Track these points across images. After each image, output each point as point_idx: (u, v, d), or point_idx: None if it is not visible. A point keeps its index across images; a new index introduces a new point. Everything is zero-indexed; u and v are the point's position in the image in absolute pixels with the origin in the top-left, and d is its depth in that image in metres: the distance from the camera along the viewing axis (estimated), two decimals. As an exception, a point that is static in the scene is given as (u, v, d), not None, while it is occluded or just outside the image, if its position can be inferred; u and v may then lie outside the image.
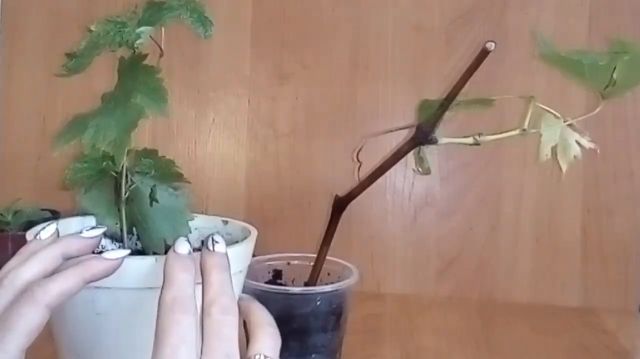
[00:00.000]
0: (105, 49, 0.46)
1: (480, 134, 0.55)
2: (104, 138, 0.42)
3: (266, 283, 0.67)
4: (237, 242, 0.49)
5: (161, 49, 0.48)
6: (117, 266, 0.41)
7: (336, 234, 0.63)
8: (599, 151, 0.55)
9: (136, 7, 0.47)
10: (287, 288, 0.62)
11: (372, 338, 0.79)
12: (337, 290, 0.61)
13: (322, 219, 0.64)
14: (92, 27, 0.46)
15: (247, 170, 1.00)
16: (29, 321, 0.37)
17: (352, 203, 0.61)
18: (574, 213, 0.93)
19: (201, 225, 0.56)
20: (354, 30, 0.97)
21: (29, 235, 0.46)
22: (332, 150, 0.97)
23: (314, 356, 0.62)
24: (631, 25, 0.90)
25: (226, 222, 0.57)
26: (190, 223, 0.53)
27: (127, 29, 0.45)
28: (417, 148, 0.59)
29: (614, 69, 0.51)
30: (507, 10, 0.93)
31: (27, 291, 0.38)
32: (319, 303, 0.60)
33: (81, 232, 0.44)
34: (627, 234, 0.91)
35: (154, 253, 0.52)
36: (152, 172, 0.51)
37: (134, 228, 0.52)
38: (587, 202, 0.92)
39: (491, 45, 0.50)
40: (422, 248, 0.96)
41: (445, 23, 0.95)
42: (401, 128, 0.63)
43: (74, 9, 1.01)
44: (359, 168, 0.63)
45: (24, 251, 0.43)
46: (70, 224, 0.52)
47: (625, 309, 0.91)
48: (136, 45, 0.45)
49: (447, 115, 0.55)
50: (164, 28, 0.47)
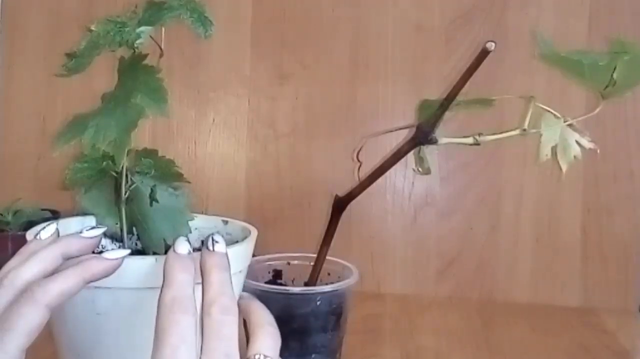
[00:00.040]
0: (105, 49, 0.46)
1: (480, 134, 0.55)
2: (104, 138, 0.42)
3: (266, 283, 0.67)
4: (237, 242, 0.49)
5: (161, 49, 0.48)
6: (117, 266, 0.41)
7: (336, 234, 0.63)
8: (599, 151, 0.55)
9: (136, 7, 0.47)
10: (287, 288, 0.62)
11: (372, 338, 0.79)
12: (337, 290, 0.61)
13: (322, 219, 0.64)
14: (92, 27, 0.46)
15: (247, 170, 1.00)
16: (29, 321, 0.37)
17: (352, 203, 0.61)
18: (574, 213, 0.93)
19: (201, 225, 0.56)
20: (354, 30, 0.97)
21: (29, 235, 0.46)
22: (332, 150, 0.97)
23: (314, 356, 0.62)
24: (631, 25, 0.90)
25: (226, 222, 0.57)
26: (190, 223, 0.53)
27: (127, 29, 0.45)
28: (417, 148, 0.59)
29: (614, 69, 0.51)
30: (507, 10, 0.93)
31: (27, 291, 0.38)
32: (319, 303, 0.60)
33: (81, 232, 0.44)
34: (627, 234, 0.91)
35: (154, 253, 0.52)
36: (152, 172, 0.51)
37: (134, 228, 0.52)
38: (587, 202, 0.92)
39: (491, 45, 0.50)
40: (422, 248, 0.96)
41: (445, 23, 0.95)
42: (401, 128, 0.63)
43: (74, 9, 1.01)
44: (359, 168, 0.63)
45: (24, 251, 0.43)
46: (70, 224, 0.52)
47: (625, 309, 0.91)
48: (136, 45, 0.45)
49: (447, 115, 0.55)
50: (164, 28, 0.47)
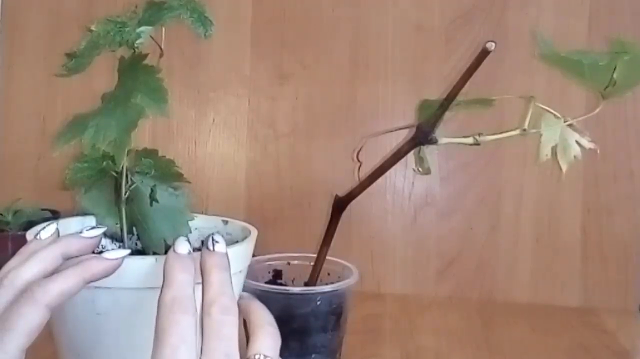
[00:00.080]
0: (105, 49, 0.46)
1: (480, 134, 0.55)
2: (104, 138, 0.42)
3: (266, 283, 0.67)
4: (237, 242, 0.49)
5: (161, 49, 0.48)
6: (117, 266, 0.41)
7: (336, 234, 0.63)
8: (599, 151, 0.55)
9: (136, 7, 0.47)
10: (287, 288, 0.62)
11: (372, 338, 0.79)
12: (337, 290, 0.61)
13: (322, 219, 0.64)
14: (92, 27, 0.46)
15: (247, 170, 1.00)
16: (29, 321, 0.37)
17: (352, 203, 0.61)
18: (574, 213, 0.93)
19: (201, 225, 0.56)
20: (354, 30, 0.97)
21: (29, 235, 0.46)
22: (332, 150, 0.97)
23: (314, 356, 0.62)
24: (631, 25, 0.90)
25: (226, 222, 0.57)
26: (190, 223, 0.53)
27: (127, 29, 0.45)
28: (417, 148, 0.59)
29: (614, 69, 0.51)
30: (507, 10, 0.93)
31: (27, 291, 0.38)
32: (319, 303, 0.60)
33: (81, 232, 0.44)
34: (627, 234, 0.91)
35: (154, 253, 0.52)
36: (152, 172, 0.51)
37: (134, 228, 0.52)
38: (587, 202, 0.92)
39: (491, 45, 0.50)
40: (422, 248, 0.96)
41: (445, 23, 0.95)
42: (401, 128, 0.63)
43: (74, 9, 1.01)
44: (359, 168, 0.63)
45: (24, 251, 0.43)
46: (70, 224, 0.52)
47: (625, 309, 0.91)
48: (136, 45, 0.45)
49: (447, 115, 0.55)
50: (164, 28, 0.47)
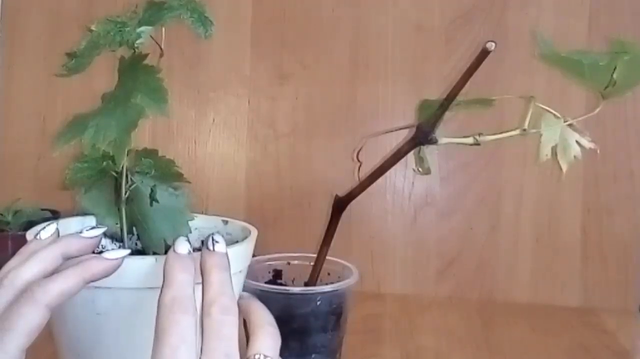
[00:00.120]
0: (105, 49, 0.46)
1: (480, 134, 0.55)
2: (104, 138, 0.42)
3: (266, 283, 0.67)
4: (237, 242, 0.49)
5: (161, 49, 0.48)
6: (117, 266, 0.41)
7: (336, 234, 0.63)
8: (599, 151, 0.55)
9: (136, 7, 0.47)
10: (287, 288, 0.62)
11: (372, 338, 0.79)
12: (337, 290, 0.61)
13: (322, 219, 0.64)
14: (92, 27, 0.46)
15: (247, 170, 1.00)
16: (29, 321, 0.37)
17: (352, 203, 0.61)
18: (574, 213, 0.93)
19: (201, 225, 0.56)
20: (354, 30, 0.97)
21: (29, 235, 0.46)
22: (332, 150, 0.97)
23: (314, 356, 0.62)
24: (631, 25, 0.90)
25: (226, 222, 0.57)
26: (190, 223, 0.53)
27: (127, 29, 0.45)
28: (417, 148, 0.59)
29: (614, 69, 0.51)
30: (507, 10, 0.93)
31: (27, 291, 0.38)
32: (319, 303, 0.60)
33: (81, 232, 0.44)
34: (627, 234, 0.91)
35: (154, 253, 0.52)
36: (152, 172, 0.51)
37: (134, 228, 0.52)
38: (587, 202, 0.92)
39: (491, 45, 0.50)
40: (422, 248, 0.96)
41: (445, 23, 0.95)
42: (401, 128, 0.63)
43: (74, 9, 1.01)
44: (359, 168, 0.62)
45: (24, 251, 0.43)
46: (70, 224, 0.52)
47: (625, 309, 0.91)
48: (136, 45, 0.45)
49: (447, 115, 0.55)
50: (164, 28, 0.47)
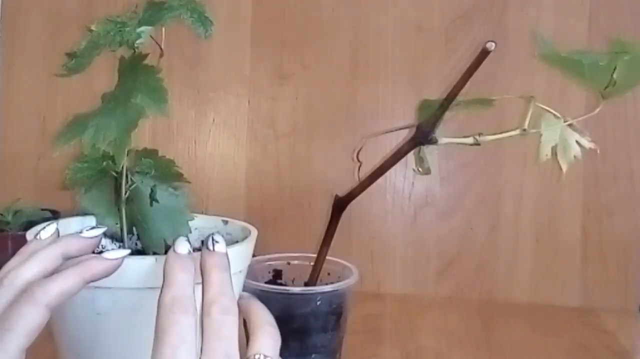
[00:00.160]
0: (105, 49, 0.46)
1: (480, 134, 0.55)
2: (104, 138, 0.42)
3: (266, 283, 0.67)
4: (237, 242, 0.49)
5: (161, 49, 0.48)
6: (117, 266, 0.41)
7: (336, 234, 0.63)
8: (599, 151, 0.55)
9: (136, 7, 0.47)
10: (287, 288, 0.62)
11: (372, 338, 0.79)
12: (337, 290, 0.61)
13: (322, 219, 0.64)
14: (92, 27, 0.46)
15: (247, 170, 1.00)
16: (29, 321, 0.37)
17: (352, 203, 0.61)
18: (574, 213, 0.93)
19: (201, 225, 0.56)
20: (354, 30, 0.97)
21: (29, 235, 0.46)
22: (332, 150, 0.97)
23: (314, 356, 0.62)
24: (631, 25, 0.90)
25: (226, 222, 0.57)
26: (190, 223, 0.53)
27: (127, 29, 0.45)
28: (417, 148, 0.59)
29: (614, 69, 0.51)
30: (507, 10, 0.93)
31: (27, 291, 0.38)
32: (319, 303, 0.60)
33: (81, 232, 0.44)
34: (627, 234, 0.91)
35: (154, 253, 0.52)
36: (152, 172, 0.51)
37: (134, 228, 0.52)
38: (587, 202, 0.92)
39: (491, 45, 0.50)
40: (422, 248, 0.96)
41: (445, 23, 0.95)
42: (401, 128, 0.63)
43: (74, 9, 1.01)
44: (359, 168, 0.62)
45: (24, 251, 0.43)
46: (70, 224, 0.52)
47: (625, 309, 0.91)
48: (136, 45, 0.45)
49: (447, 115, 0.55)
50: (164, 28, 0.47)
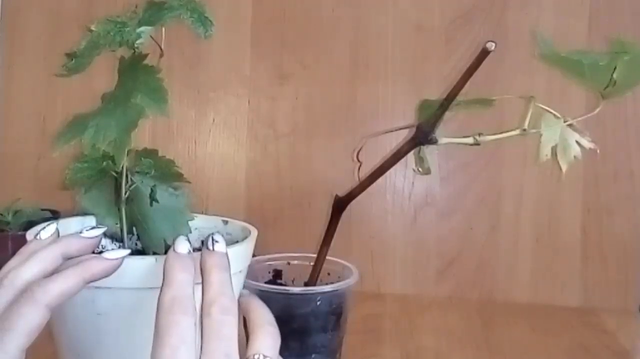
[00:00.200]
0: (105, 49, 0.46)
1: (480, 134, 0.55)
2: (104, 138, 0.42)
3: (266, 283, 0.67)
4: (237, 242, 0.49)
5: (161, 49, 0.48)
6: (117, 266, 0.41)
7: (336, 234, 0.63)
8: (599, 151, 0.55)
9: (136, 7, 0.47)
10: (287, 288, 0.62)
11: (372, 338, 0.79)
12: (337, 290, 0.61)
13: (322, 219, 0.64)
14: (92, 27, 0.46)
15: (247, 170, 1.00)
16: (29, 321, 0.37)
17: (352, 203, 0.61)
18: (574, 213, 0.93)
19: (201, 225, 0.56)
20: (354, 30, 0.97)
21: (29, 235, 0.46)
22: (332, 150, 0.97)
23: (314, 356, 0.62)
24: (631, 25, 0.90)
25: (226, 222, 0.57)
26: (190, 223, 0.53)
27: (127, 29, 0.45)
28: (417, 148, 0.59)
29: (614, 69, 0.51)
30: (507, 10, 0.93)
31: (27, 291, 0.38)
32: (319, 303, 0.60)
33: (81, 232, 0.44)
34: (627, 234, 0.91)
35: (154, 253, 0.52)
36: (152, 172, 0.51)
37: (134, 228, 0.52)
38: (587, 202, 0.92)
39: (491, 45, 0.50)
40: (422, 248, 0.96)
41: (445, 23, 0.95)
42: (401, 128, 0.63)
43: (74, 9, 1.01)
44: (359, 168, 0.62)
45: (24, 251, 0.43)
46: (70, 224, 0.52)
47: (625, 309, 0.91)
48: (136, 45, 0.45)
49: (447, 115, 0.55)
50: (164, 28, 0.47)
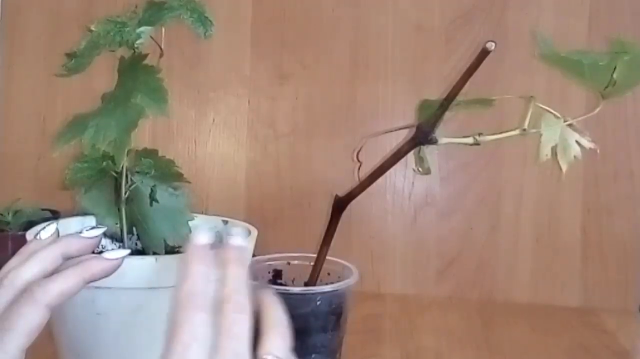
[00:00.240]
0: (105, 49, 0.46)
1: (480, 134, 0.55)
2: (104, 138, 0.42)
3: (266, 282, 0.67)
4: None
5: (161, 49, 0.48)
6: (117, 266, 0.41)
7: (336, 234, 0.63)
8: (599, 151, 0.55)
9: (136, 7, 0.47)
10: (287, 288, 0.61)
11: (372, 338, 0.79)
12: (337, 290, 0.61)
13: (322, 219, 0.64)
14: (92, 27, 0.46)
15: (247, 170, 1.00)
16: (29, 321, 0.37)
17: (352, 203, 0.61)
18: (574, 213, 0.93)
19: (201, 225, 0.56)
20: (354, 30, 0.97)
21: (29, 235, 0.46)
22: (332, 150, 0.97)
23: (314, 356, 0.62)
24: (631, 25, 0.90)
25: (226, 222, 0.57)
26: (190, 223, 0.53)
27: (127, 29, 0.45)
28: (417, 148, 0.59)
29: (614, 69, 0.51)
30: (507, 10, 0.93)
31: (27, 291, 0.38)
32: (319, 303, 0.60)
33: (81, 232, 0.44)
34: (627, 234, 0.91)
35: (154, 253, 0.52)
36: (152, 172, 0.51)
37: (134, 228, 0.52)
38: (587, 202, 0.92)
39: (491, 45, 0.50)
40: (422, 248, 0.96)
41: (445, 23, 0.95)
42: (401, 128, 0.62)
43: (74, 9, 1.01)
44: (359, 168, 0.62)
45: (24, 251, 0.43)
46: (70, 224, 0.52)
47: (625, 309, 0.91)
48: (136, 45, 0.45)
49: (447, 115, 0.55)
50: (164, 28, 0.47)
